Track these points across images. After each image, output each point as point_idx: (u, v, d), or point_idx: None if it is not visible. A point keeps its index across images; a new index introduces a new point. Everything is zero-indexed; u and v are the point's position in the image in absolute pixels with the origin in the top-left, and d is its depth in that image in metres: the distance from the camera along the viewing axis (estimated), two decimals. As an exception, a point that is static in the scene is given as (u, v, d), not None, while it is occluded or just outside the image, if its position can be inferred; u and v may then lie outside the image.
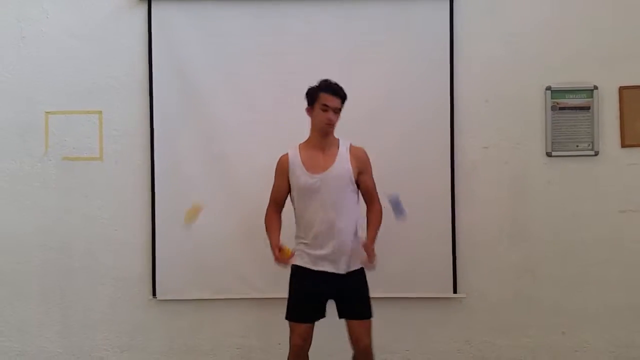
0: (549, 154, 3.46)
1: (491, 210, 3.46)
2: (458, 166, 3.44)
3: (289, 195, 2.94)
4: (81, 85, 3.48)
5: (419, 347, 3.52)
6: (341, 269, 2.81)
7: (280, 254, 2.79)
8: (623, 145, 3.44)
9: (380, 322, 3.42)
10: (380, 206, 2.92)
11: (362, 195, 2.94)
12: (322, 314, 2.88)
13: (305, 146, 2.90)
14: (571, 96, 3.44)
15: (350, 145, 2.90)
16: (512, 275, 3.48)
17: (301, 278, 2.86)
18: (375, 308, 2.89)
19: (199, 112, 3.43)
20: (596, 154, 3.45)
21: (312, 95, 2.85)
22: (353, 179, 2.85)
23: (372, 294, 2.87)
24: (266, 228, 2.93)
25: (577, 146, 3.45)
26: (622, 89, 3.43)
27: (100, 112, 3.49)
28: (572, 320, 3.48)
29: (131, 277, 3.51)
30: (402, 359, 3.52)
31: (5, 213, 3.51)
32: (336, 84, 2.84)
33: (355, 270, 2.85)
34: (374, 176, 2.95)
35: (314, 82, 2.86)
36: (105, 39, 3.48)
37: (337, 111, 2.83)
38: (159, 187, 3.45)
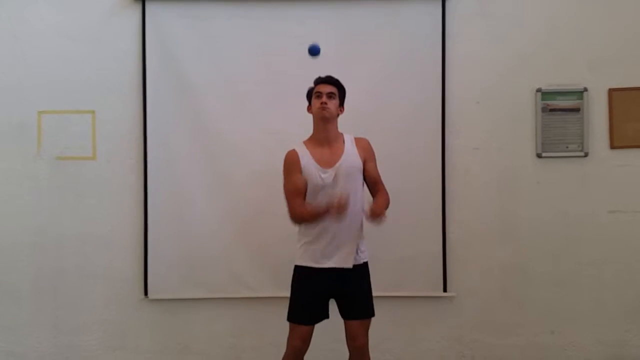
0: (539, 155, 3.49)
1: (481, 210, 3.49)
2: (449, 167, 3.46)
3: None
4: (74, 85, 3.48)
5: (409, 346, 3.53)
6: (348, 263, 2.75)
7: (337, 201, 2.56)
8: (612, 147, 3.47)
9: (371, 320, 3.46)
10: (388, 195, 2.82)
11: (368, 185, 2.87)
12: (325, 315, 2.82)
13: (310, 142, 2.84)
14: (561, 98, 3.47)
15: (354, 138, 2.87)
16: (501, 275, 3.51)
17: (305, 278, 2.79)
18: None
19: (192, 112, 3.43)
20: (586, 155, 3.48)
21: (309, 93, 2.85)
22: (362, 170, 2.81)
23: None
24: (304, 217, 2.72)
25: (567, 147, 3.48)
26: (611, 91, 3.46)
27: (93, 112, 3.49)
28: (561, 319, 3.51)
29: (123, 276, 3.50)
30: (392, 357, 3.53)
31: (-3, 212, 3.52)
32: (327, 75, 2.83)
33: (360, 265, 2.79)
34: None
35: (310, 82, 2.84)
36: (98, 39, 3.47)
37: (332, 96, 2.77)
38: (152, 187, 3.44)
